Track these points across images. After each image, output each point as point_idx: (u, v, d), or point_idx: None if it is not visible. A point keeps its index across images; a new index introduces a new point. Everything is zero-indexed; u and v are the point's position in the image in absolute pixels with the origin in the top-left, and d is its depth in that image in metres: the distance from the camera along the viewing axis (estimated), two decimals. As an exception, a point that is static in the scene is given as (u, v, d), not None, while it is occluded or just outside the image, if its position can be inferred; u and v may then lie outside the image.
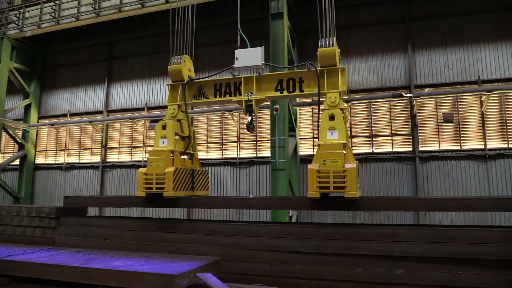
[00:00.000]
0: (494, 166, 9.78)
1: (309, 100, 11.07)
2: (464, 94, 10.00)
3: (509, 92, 9.84)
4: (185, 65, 6.63)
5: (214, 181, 12.12)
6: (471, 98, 10.17)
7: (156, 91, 13.37)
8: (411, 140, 10.47)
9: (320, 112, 5.44)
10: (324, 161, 4.95)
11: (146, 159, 13.10)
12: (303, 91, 6.04)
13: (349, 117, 5.68)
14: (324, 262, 4.24)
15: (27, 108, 15.02)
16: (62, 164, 14.54)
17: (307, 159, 11.16)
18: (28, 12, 13.85)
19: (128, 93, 13.85)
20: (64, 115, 14.84)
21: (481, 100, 9.99)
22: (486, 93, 9.61)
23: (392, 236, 4.11)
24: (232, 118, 11.97)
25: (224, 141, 12.32)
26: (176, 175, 5.76)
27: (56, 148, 14.94)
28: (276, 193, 9.28)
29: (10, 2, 15.22)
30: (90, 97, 14.51)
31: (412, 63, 10.64)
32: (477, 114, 10.11)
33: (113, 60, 14.39)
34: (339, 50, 5.80)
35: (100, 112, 14.19)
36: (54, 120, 14.66)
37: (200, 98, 6.58)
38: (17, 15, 13.95)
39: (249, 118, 6.32)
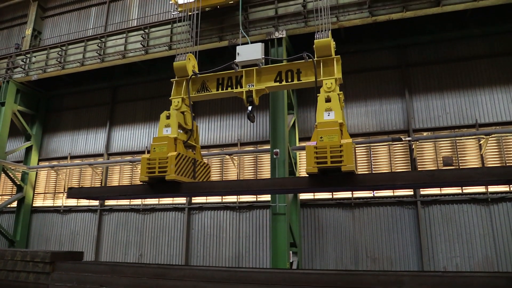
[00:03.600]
0: (497, 210, 9.66)
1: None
2: (462, 138, 10.08)
3: (507, 136, 9.92)
4: (189, 62, 7.02)
5: (213, 225, 11.92)
6: (470, 142, 10.24)
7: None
8: (411, 183, 10.41)
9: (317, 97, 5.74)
10: (321, 138, 5.17)
11: (145, 202, 13.04)
12: (300, 80, 6.43)
13: (344, 104, 6.07)
14: (326, 311, 4.09)
15: (28, 150, 15.09)
16: (60, 207, 14.38)
17: (308, 204, 11.05)
18: (35, 57, 14.28)
19: (129, 136, 13.97)
20: (65, 158, 14.87)
21: (480, 144, 10.05)
22: (484, 137, 9.69)
23: (396, 284, 3.99)
24: (232, 161, 11.98)
25: (224, 184, 12.24)
26: (178, 160, 5.90)
27: (55, 190, 14.84)
28: (276, 238, 9.09)
29: (18, 48, 15.75)
30: (91, 140, 14.62)
31: (410, 108, 10.81)
32: (477, 157, 10.13)
33: (115, 104, 14.64)
34: (334, 42, 6.21)
35: (101, 155, 14.23)
36: (54, 163, 14.67)
37: (203, 91, 6.96)
38: (24, 60, 14.37)
39: (249, 108, 6.60)
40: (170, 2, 13.19)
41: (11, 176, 14.21)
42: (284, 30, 10.38)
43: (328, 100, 5.63)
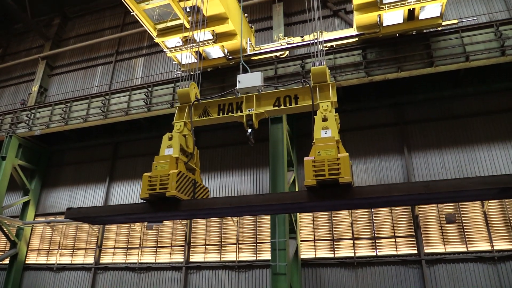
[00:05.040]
0: (504, 269, 9.34)
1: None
2: (464, 195, 9.98)
3: (508, 193, 9.84)
4: (192, 90, 7.37)
5: (211, 286, 11.45)
6: (472, 199, 10.14)
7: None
8: (415, 241, 10.18)
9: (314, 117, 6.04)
10: (319, 152, 5.36)
11: (141, 261, 12.70)
12: (298, 104, 6.80)
13: (340, 126, 6.44)
14: None
15: (25, 205, 14.90)
16: (54, 264, 13.93)
17: (309, 263, 10.72)
18: (39, 112, 14.54)
19: (128, 192, 13.86)
20: (62, 213, 14.63)
21: (482, 200, 9.94)
22: (486, 194, 9.61)
23: None
24: (232, 220, 11.80)
25: (222, 243, 11.95)
26: (179, 177, 5.99)
27: (49, 247, 14.45)
28: (277, 301, 8.73)
29: (24, 103, 16.13)
30: (90, 196, 14.49)
31: (410, 164, 10.83)
32: (480, 214, 9.98)
33: (116, 160, 14.69)
34: (329, 70, 6.65)
35: (99, 210, 14.01)
36: (51, 218, 14.41)
37: (204, 116, 7.28)
38: (28, 115, 14.63)
39: (249, 130, 6.83)
40: (173, 62, 13.72)
41: (6, 231, 13.90)
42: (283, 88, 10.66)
43: (324, 119, 5.92)
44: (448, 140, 10.81)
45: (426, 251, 10.00)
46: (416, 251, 10.06)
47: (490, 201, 9.82)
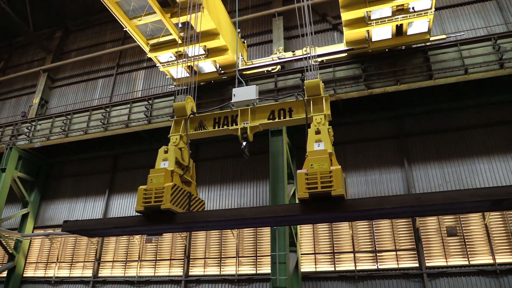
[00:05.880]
0: (507, 283, 9.25)
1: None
2: (464, 208, 9.93)
3: (509, 206, 9.79)
4: (188, 103, 7.46)
5: (211, 300, 11.36)
6: (473, 211, 10.09)
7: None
8: (416, 255, 10.10)
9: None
10: (311, 165, 5.39)
11: (140, 274, 12.57)
12: (292, 117, 6.87)
13: (333, 139, 6.42)
14: None
15: (24, 217, 14.82)
16: (52, 277, 13.80)
17: (310, 277, 10.62)
18: (40, 125, 14.57)
19: (127, 205, 13.81)
20: (61, 226, 14.50)
21: (483, 213, 9.90)
22: (487, 207, 9.56)
23: None
24: (231, 233, 11.73)
25: (222, 256, 11.86)
26: (174, 190, 6.01)
27: (48, 260, 14.33)
28: (277, 316, 8.63)
29: (25, 116, 16.16)
30: (89, 208, 14.43)
31: (410, 177, 10.81)
32: (481, 227, 9.92)
33: (116, 172, 14.67)
34: (322, 84, 6.73)
35: (98, 223, 13.94)
36: (50, 231, 14.33)
37: (200, 129, 7.36)
38: (29, 127, 14.65)
39: (244, 143, 6.84)
40: (167, 77, 13.77)
41: (4, 244, 13.80)
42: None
43: (318, 132, 5.97)
44: (448, 153, 10.81)
45: (427, 264, 9.91)
46: (417, 265, 9.98)
47: (491, 214, 9.77)
